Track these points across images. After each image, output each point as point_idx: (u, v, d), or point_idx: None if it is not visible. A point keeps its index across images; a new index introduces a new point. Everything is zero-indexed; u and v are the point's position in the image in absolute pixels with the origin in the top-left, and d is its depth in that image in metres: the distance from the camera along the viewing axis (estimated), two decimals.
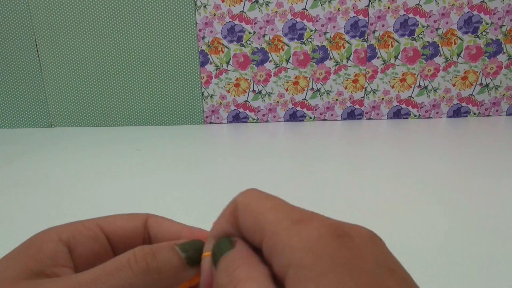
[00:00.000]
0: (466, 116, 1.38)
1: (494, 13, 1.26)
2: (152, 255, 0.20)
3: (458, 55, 1.31)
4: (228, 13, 1.27)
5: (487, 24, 1.28)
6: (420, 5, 1.26)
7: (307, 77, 1.34)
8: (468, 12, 1.26)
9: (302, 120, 1.38)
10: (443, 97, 1.36)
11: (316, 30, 1.29)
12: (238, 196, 0.20)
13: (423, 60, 1.32)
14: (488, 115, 1.38)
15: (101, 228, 0.23)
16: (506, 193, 0.76)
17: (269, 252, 0.17)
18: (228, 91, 1.35)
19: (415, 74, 1.33)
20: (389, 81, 1.34)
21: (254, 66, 1.32)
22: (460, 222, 0.66)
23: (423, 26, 1.28)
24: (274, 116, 1.38)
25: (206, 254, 0.21)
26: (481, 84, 1.34)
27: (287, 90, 1.35)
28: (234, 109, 1.37)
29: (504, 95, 1.35)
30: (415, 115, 1.38)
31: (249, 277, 0.17)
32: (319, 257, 0.15)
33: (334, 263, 0.14)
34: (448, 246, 0.59)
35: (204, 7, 1.26)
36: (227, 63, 1.32)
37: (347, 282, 0.14)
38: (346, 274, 0.14)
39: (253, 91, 1.35)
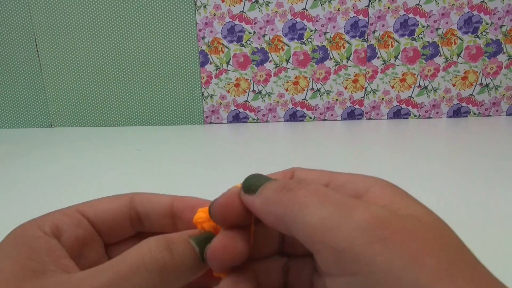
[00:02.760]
0: (466, 116, 1.38)
1: (494, 13, 1.26)
2: (169, 251, 0.19)
3: (458, 55, 1.31)
4: (228, 13, 1.27)
5: (487, 24, 1.28)
6: (420, 5, 1.26)
7: (307, 77, 1.34)
8: (468, 12, 1.26)
9: (302, 120, 1.38)
10: (443, 97, 1.36)
11: (316, 30, 1.29)
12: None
13: (423, 60, 1.32)
14: (488, 115, 1.38)
15: (82, 213, 0.22)
16: (506, 193, 0.76)
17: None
18: (228, 91, 1.35)
19: (415, 74, 1.33)
20: (389, 81, 1.34)
21: (254, 66, 1.33)
22: (460, 222, 0.66)
23: (423, 26, 1.28)
24: (274, 116, 1.38)
25: (238, 185, 0.21)
26: (481, 84, 1.34)
27: (287, 90, 1.35)
28: (234, 109, 1.37)
29: (504, 95, 1.35)
30: (415, 115, 1.38)
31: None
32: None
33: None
34: None
35: (204, 7, 1.26)
36: (227, 63, 1.32)
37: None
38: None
39: (253, 91, 1.35)
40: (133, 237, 0.24)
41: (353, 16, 1.27)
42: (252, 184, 0.20)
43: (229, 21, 1.28)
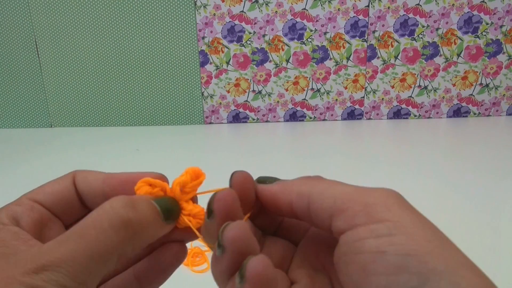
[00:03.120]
0: (466, 116, 1.38)
1: (494, 13, 1.26)
2: (133, 207, 0.19)
3: (458, 55, 1.31)
4: (228, 13, 1.27)
5: (487, 24, 1.28)
6: (420, 5, 1.26)
7: (307, 77, 1.34)
8: (468, 12, 1.26)
9: (302, 120, 1.38)
10: (443, 97, 1.36)
11: (316, 30, 1.29)
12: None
13: (423, 60, 1.32)
14: (488, 115, 1.38)
15: (31, 199, 0.22)
16: (506, 193, 0.76)
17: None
18: (228, 91, 1.35)
19: (415, 74, 1.33)
20: (389, 81, 1.34)
21: (254, 66, 1.32)
22: (460, 222, 0.66)
23: (423, 26, 1.28)
24: (274, 116, 1.38)
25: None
26: (481, 84, 1.34)
27: (287, 90, 1.35)
28: (234, 109, 1.37)
29: (504, 95, 1.35)
30: (415, 115, 1.38)
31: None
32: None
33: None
34: None
35: (204, 7, 1.26)
36: (227, 63, 1.32)
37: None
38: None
39: (253, 91, 1.35)
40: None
41: (353, 16, 1.27)
42: (267, 179, 0.23)
43: (229, 21, 1.28)
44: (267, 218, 0.24)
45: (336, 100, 1.36)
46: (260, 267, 0.17)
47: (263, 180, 0.23)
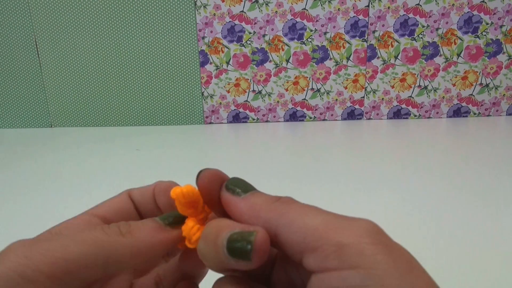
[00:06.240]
0: (466, 116, 1.38)
1: (494, 13, 1.26)
2: (125, 224, 0.20)
3: (458, 55, 1.31)
4: (228, 13, 1.27)
5: (487, 24, 1.28)
6: (420, 5, 1.26)
7: (307, 77, 1.34)
8: (468, 12, 1.26)
9: (302, 120, 1.38)
10: (443, 97, 1.36)
11: (316, 30, 1.29)
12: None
13: (423, 60, 1.32)
14: (488, 115, 1.38)
15: (94, 215, 0.23)
16: (506, 193, 0.76)
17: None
18: (228, 91, 1.35)
19: (415, 74, 1.33)
20: (389, 81, 1.34)
21: (254, 66, 1.32)
22: (460, 222, 0.66)
23: (423, 26, 1.28)
24: (274, 116, 1.38)
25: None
26: (481, 84, 1.34)
27: (287, 90, 1.35)
28: (234, 109, 1.37)
29: (504, 95, 1.35)
30: (415, 115, 1.38)
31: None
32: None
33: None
34: (447, 246, 0.59)
35: (204, 7, 1.26)
36: (227, 63, 1.32)
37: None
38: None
39: (253, 91, 1.35)
40: None
41: (353, 16, 1.27)
42: (238, 185, 0.21)
43: (229, 21, 1.28)
44: None
45: (336, 100, 1.36)
46: (264, 238, 0.18)
47: (232, 187, 0.20)
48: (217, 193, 0.21)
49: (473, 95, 1.35)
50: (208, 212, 0.22)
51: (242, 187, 0.20)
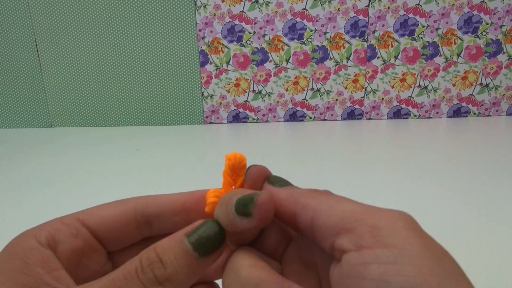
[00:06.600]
0: (466, 116, 1.38)
1: (494, 13, 1.26)
2: (159, 262, 0.18)
3: (458, 55, 1.31)
4: (228, 13, 1.27)
5: (487, 24, 1.28)
6: (420, 5, 1.26)
7: (307, 77, 1.34)
8: (468, 12, 1.26)
9: (302, 120, 1.38)
10: (443, 97, 1.36)
11: (316, 30, 1.29)
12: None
13: (423, 60, 1.32)
14: (488, 115, 1.38)
15: (82, 222, 0.21)
16: (506, 193, 0.76)
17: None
18: (228, 91, 1.35)
19: (415, 74, 1.33)
20: (389, 81, 1.34)
21: (254, 66, 1.33)
22: (460, 222, 0.66)
23: (423, 26, 1.28)
24: (274, 116, 1.38)
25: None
26: (481, 84, 1.34)
27: (287, 90, 1.35)
28: (234, 109, 1.37)
29: (504, 95, 1.35)
30: (415, 115, 1.38)
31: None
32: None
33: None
34: (447, 246, 0.59)
35: (204, 7, 1.26)
36: (227, 63, 1.32)
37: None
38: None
39: (253, 91, 1.35)
40: (139, 243, 0.24)
41: (353, 16, 1.27)
42: (279, 181, 0.22)
43: (229, 21, 1.28)
44: None
45: (336, 100, 1.36)
46: (267, 198, 0.19)
47: (273, 181, 0.22)
48: (260, 186, 0.22)
49: (473, 95, 1.35)
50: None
51: (282, 182, 0.22)
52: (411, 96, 1.35)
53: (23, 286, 0.17)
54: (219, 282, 0.23)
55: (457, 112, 1.37)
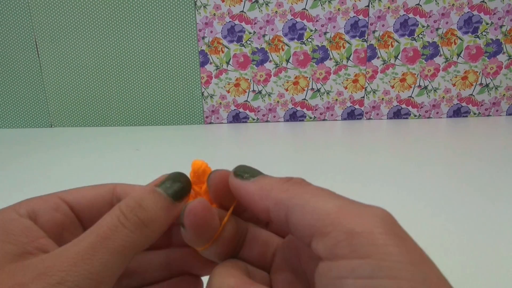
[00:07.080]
0: (466, 116, 1.38)
1: (494, 13, 1.26)
2: (140, 206, 0.19)
3: (458, 55, 1.31)
4: (228, 13, 1.27)
5: (487, 24, 1.28)
6: (420, 5, 1.26)
7: (307, 77, 1.34)
8: (468, 12, 1.26)
9: (302, 120, 1.38)
10: (443, 97, 1.36)
11: (316, 30, 1.29)
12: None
13: (423, 60, 1.32)
14: (488, 115, 1.38)
15: (62, 199, 0.22)
16: (506, 193, 0.76)
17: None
18: (228, 91, 1.35)
19: (415, 74, 1.33)
20: (389, 81, 1.34)
21: (254, 66, 1.33)
22: (460, 222, 0.66)
23: (423, 26, 1.28)
24: (274, 116, 1.38)
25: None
26: (481, 84, 1.34)
27: (287, 90, 1.35)
28: (234, 109, 1.37)
29: (504, 95, 1.35)
30: (415, 115, 1.38)
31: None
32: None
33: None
34: (446, 246, 0.59)
35: (204, 7, 1.26)
36: (227, 63, 1.32)
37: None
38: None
39: (253, 91, 1.35)
40: None
41: (353, 16, 1.27)
42: (246, 171, 0.21)
43: (229, 21, 1.28)
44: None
45: (336, 100, 1.36)
46: (198, 206, 0.19)
47: (240, 173, 0.21)
48: (227, 189, 0.21)
49: (473, 95, 1.35)
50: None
51: (250, 172, 0.21)
52: (411, 96, 1.35)
53: (6, 255, 0.17)
54: (204, 280, 0.23)
55: (457, 112, 1.37)
